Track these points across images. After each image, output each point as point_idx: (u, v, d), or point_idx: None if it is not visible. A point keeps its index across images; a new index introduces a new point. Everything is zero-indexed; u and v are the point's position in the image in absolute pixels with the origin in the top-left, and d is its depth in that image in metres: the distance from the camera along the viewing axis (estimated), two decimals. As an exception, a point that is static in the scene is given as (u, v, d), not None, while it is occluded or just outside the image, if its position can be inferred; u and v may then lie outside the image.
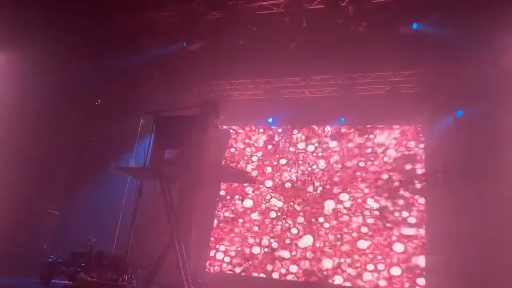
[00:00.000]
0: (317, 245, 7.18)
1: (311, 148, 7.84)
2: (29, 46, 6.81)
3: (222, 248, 7.67)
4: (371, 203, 7.17)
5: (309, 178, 7.64)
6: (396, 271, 6.69)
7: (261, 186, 7.87)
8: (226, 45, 6.64)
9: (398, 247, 6.80)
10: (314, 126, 7.96)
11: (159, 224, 5.86)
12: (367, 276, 6.78)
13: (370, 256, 6.87)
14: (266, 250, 7.43)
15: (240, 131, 8.38)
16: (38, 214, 6.66)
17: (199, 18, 6.38)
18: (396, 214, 7.00)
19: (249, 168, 8.03)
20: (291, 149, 7.97)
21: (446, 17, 5.55)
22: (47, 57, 6.87)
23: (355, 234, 7.06)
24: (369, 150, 7.50)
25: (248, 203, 7.85)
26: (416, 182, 7.02)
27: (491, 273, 5.62)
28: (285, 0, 6.03)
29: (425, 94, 7.06)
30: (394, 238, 6.88)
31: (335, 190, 7.43)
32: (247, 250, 7.53)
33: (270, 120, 8.12)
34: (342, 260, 6.98)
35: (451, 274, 6.00)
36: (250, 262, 7.45)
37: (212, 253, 7.62)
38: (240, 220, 7.78)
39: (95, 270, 4.48)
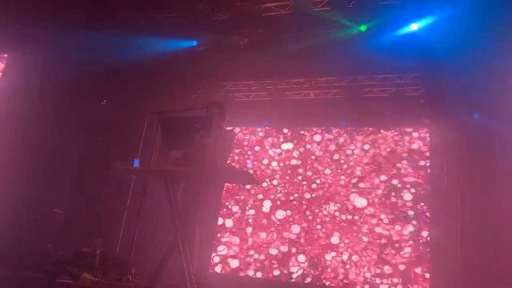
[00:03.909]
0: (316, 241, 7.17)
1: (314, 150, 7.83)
2: (35, 45, 6.85)
3: (225, 248, 7.68)
4: (372, 204, 7.14)
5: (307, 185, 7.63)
6: (398, 273, 6.67)
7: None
8: (231, 46, 6.65)
9: (402, 248, 6.77)
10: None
11: (163, 224, 5.87)
12: (369, 278, 6.76)
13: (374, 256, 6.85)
14: (270, 251, 7.43)
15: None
16: (43, 213, 6.69)
17: (205, 19, 6.39)
18: (399, 217, 6.97)
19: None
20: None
21: (450, 17, 5.54)
22: (51, 56, 6.92)
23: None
24: (372, 153, 7.47)
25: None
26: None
27: (495, 275, 5.59)
28: (291, 2, 6.03)
29: (430, 96, 7.02)
30: (397, 238, 6.85)
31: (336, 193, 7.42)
32: (252, 251, 7.54)
33: (267, 122, 8.16)
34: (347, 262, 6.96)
35: (455, 275, 5.96)
36: (254, 263, 7.45)
37: (215, 254, 7.64)
38: (243, 222, 7.80)
39: (99, 270, 4.50)
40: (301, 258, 7.21)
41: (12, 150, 6.75)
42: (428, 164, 7.09)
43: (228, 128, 4.48)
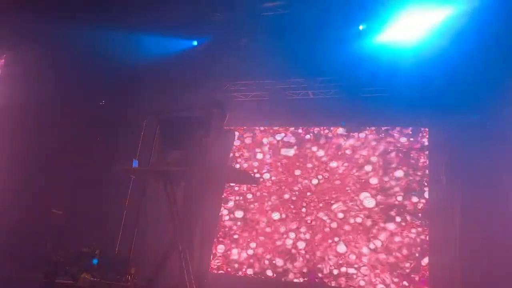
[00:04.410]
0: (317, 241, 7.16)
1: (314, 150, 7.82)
2: (35, 44, 6.85)
3: (225, 248, 7.67)
4: (372, 204, 7.13)
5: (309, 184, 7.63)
6: (397, 273, 6.66)
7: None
8: (231, 46, 6.65)
9: (400, 249, 6.77)
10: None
11: (162, 224, 5.86)
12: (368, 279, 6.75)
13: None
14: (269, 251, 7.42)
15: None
16: (41, 213, 6.68)
17: (205, 19, 6.39)
18: (399, 217, 6.96)
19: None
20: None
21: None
22: (50, 56, 6.92)
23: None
24: (371, 153, 7.46)
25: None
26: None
27: (495, 277, 5.58)
28: (290, 2, 6.03)
29: (429, 95, 7.01)
30: (397, 239, 6.84)
31: (333, 195, 7.41)
32: (250, 251, 7.52)
33: (266, 122, 8.16)
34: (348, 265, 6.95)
35: (454, 276, 5.95)
36: (252, 262, 7.44)
37: (215, 254, 7.63)
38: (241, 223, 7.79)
39: (98, 270, 4.50)
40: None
41: (11, 150, 6.75)
42: (426, 164, 7.08)
43: (227, 128, 4.48)
